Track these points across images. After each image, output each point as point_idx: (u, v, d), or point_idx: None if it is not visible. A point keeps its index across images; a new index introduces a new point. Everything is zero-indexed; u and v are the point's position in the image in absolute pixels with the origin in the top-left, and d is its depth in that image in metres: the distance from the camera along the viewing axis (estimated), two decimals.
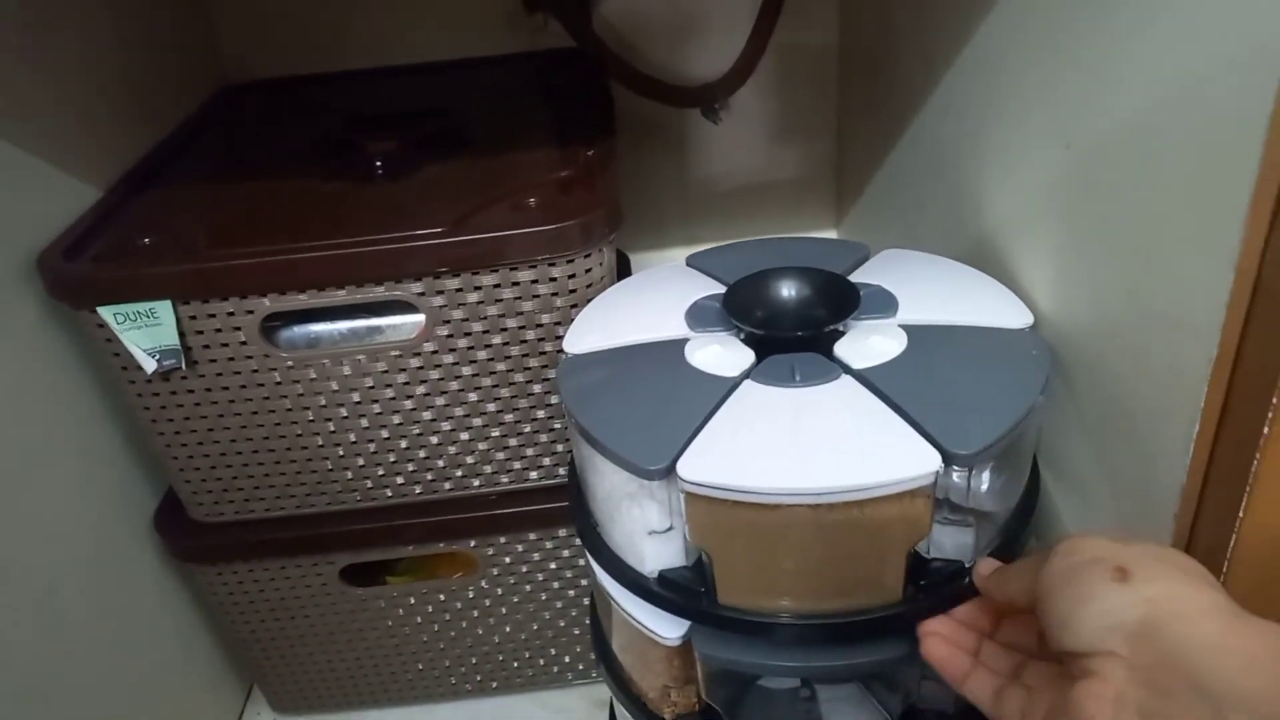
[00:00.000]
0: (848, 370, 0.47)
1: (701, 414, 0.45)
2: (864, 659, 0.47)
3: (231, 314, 0.59)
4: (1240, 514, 0.37)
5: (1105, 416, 0.45)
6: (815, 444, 0.43)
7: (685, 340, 0.51)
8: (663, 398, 0.48)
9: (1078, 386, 0.48)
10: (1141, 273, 0.41)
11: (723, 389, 0.47)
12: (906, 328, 0.49)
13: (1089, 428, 0.47)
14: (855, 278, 0.54)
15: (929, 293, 0.52)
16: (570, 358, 0.53)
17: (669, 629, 0.50)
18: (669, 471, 0.43)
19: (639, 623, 0.52)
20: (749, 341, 0.50)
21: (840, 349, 0.48)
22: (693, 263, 0.60)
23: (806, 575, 0.45)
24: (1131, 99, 0.40)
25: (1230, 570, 0.39)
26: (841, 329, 0.50)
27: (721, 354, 0.49)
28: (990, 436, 0.41)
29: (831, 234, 1.04)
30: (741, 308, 0.51)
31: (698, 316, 0.53)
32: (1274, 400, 0.35)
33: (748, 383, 0.47)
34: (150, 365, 0.60)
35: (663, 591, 0.49)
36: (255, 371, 0.61)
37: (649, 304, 0.56)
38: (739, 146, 0.99)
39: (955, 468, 0.42)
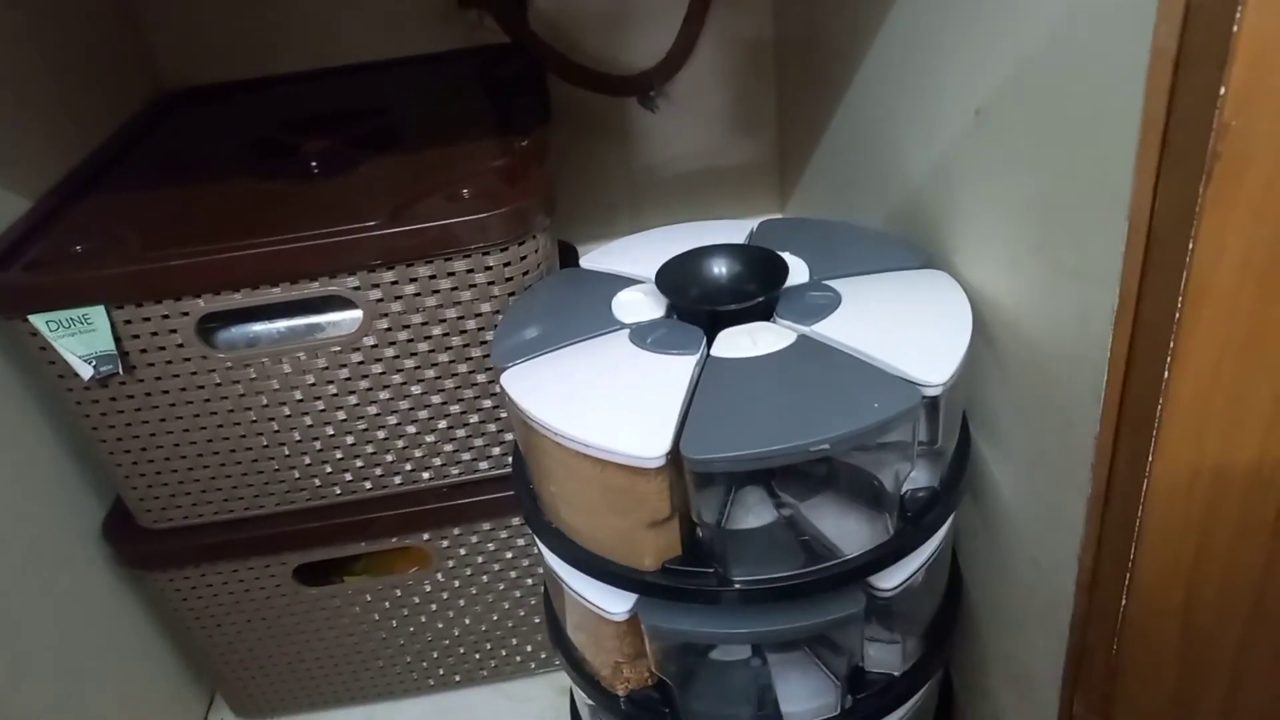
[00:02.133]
0: (704, 353, 0.48)
1: (562, 342, 0.52)
2: (804, 622, 0.48)
3: (167, 316, 0.59)
4: (1150, 458, 0.39)
5: (1023, 372, 0.47)
6: (593, 395, 0.47)
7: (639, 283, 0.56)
8: (561, 323, 0.53)
9: (999, 343, 0.49)
10: (1047, 228, 0.42)
11: (598, 329, 0.52)
12: (807, 337, 0.49)
13: (1010, 384, 0.48)
14: (841, 283, 0.52)
15: (879, 316, 0.49)
16: (568, 269, 0.61)
17: (615, 604, 0.51)
18: (498, 373, 0.51)
19: (586, 600, 0.52)
20: (684, 310, 0.52)
21: (723, 333, 0.49)
22: (765, 223, 0.62)
23: (572, 508, 0.51)
24: (1028, 61, 0.41)
25: (1144, 517, 0.40)
26: (765, 313, 0.51)
27: (637, 302, 0.54)
28: (720, 458, 0.43)
29: (778, 216, 1.05)
30: (673, 272, 0.52)
31: None
32: (1171, 345, 0.36)
33: (620, 333, 0.51)
34: (87, 372, 0.59)
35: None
36: (194, 374, 0.61)
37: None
38: (683, 135, 0.99)
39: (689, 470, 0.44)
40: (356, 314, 0.60)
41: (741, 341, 0.49)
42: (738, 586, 0.47)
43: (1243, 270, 0.33)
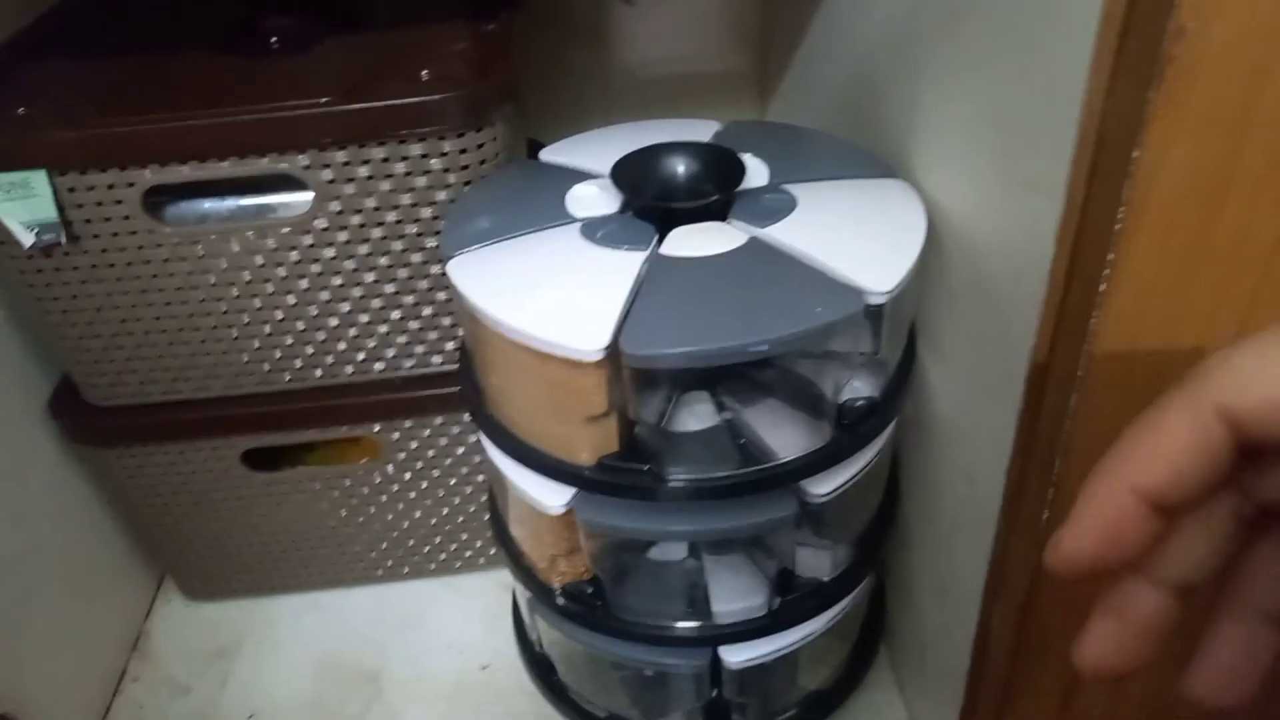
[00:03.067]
0: (653, 250, 0.48)
1: (512, 233, 0.51)
2: (734, 523, 0.49)
3: (112, 186, 0.57)
4: (1080, 373, 0.38)
5: (968, 284, 0.46)
6: (537, 286, 0.47)
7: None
8: (512, 214, 0.53)
9: (948, 254, 0.48)
10: (1003, 135, 0.41)
11: (549, 222, 0.51)
12: (758, 239, 0.48)
13: (955, 296, 0.48)
14: (800, 188, 0.51)
15: (833, 222, 0.49)
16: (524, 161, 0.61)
17: (553, 498, 0.51)
18: (445, 260, 0.51)
19: (525, 493, 0.53)
20: (638, 206, 0.51)
21: (674, 232, 0.49)
22: (732, 125, 0.63)
23: (514, 401, 0.51)
24: None
25: (1070, 432, 0.40)
26: (720, 213, 0.50)
27: (591, 197, 0.53)
28: (657, 354, 0.43)
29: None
30: (629, 168, 0.51)
31: None
32: (1110, 257, 0.35)
33: (571, 227, 0.51)
34: (28, 240, 0.58)
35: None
36: (141, 248, 0.60)
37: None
38: (662, 36, 0.96)
39: (627, 366, 0.44)
40: (308, 196, 0.59)
41: (692, 241, 0.48)
42: (671, 484, 0.47)
43: (1186, 183, 0.33)
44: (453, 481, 0.75)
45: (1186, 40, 0.30)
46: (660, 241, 0.48)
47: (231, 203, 0.60)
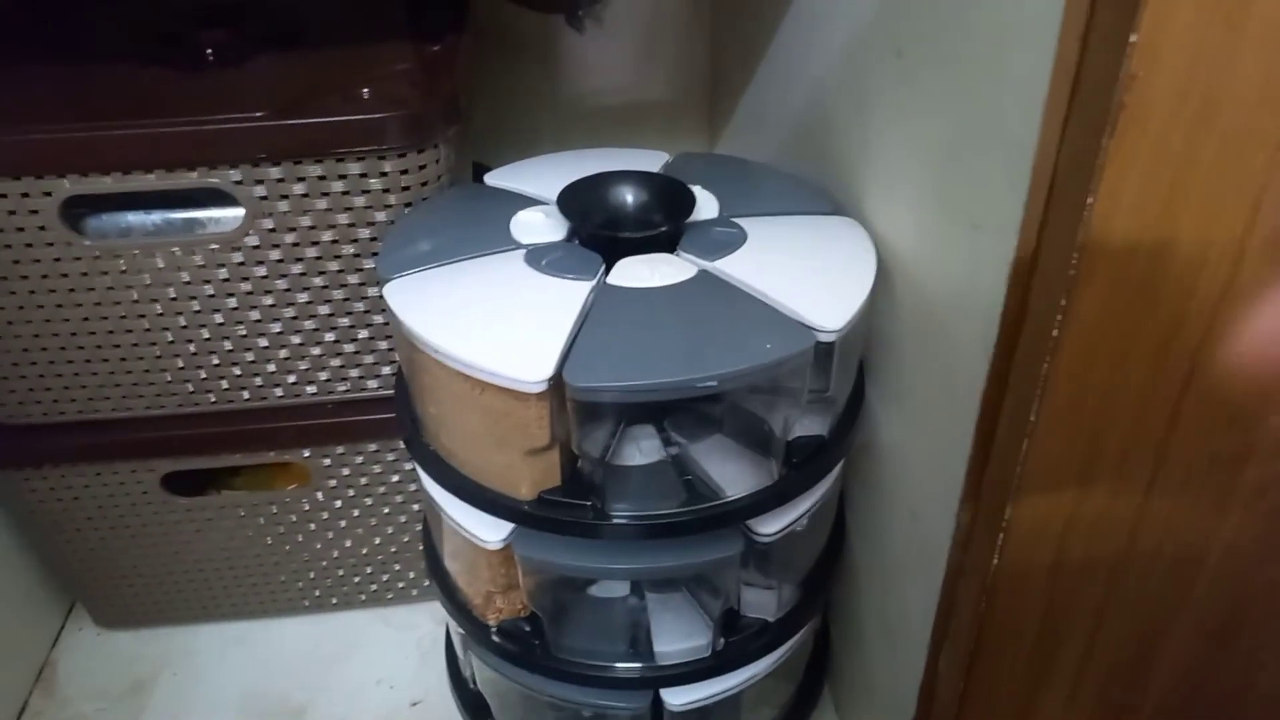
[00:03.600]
0: (600, 280, 0.46)
1: (454, 257, 0.49)
2: (677, 561, 0.47)
3: (26, 195, 0.54)
4: (1032, 418, 0.38)
5: (917, 322, 0.46)
6: (479, 314, 0.45)
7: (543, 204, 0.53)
8: (454, 238, 0.51)
9: (898, 293, 0.48)
10: (950, 174, 0.41)
11: (492, 247, 0.49)
12: (707, 272, 0.47)
13: (904, 335, 0.48)
14: (750, 221, 0.50)
15: (784, 257, 0.48)
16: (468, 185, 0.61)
17: (490, 532, 0.50)
18: (383, 283, 0.49)
19: (461, 527, 0.51)
20: (585, 235, 0.49)
21: (622, 262, 0.47)
22: (681, 156, 0.62)
23: (452, 432, 0.49)
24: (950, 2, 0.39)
25: (1021, 476, 0.39)
26: (669, 244, 0.49)
27: (537, 223, 0.51)
28: (603, 387, 0.42)
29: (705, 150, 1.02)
30: (576, 195, 0.50)
31: None
32: (1063, 303, 0.35)
33: (515, 254, 0.49)
34: None
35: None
36: (57, 260, 0.56)
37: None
38: (613, 63, 0.96)
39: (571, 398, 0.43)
40: (239, 211, 0.56)
41: (640, 271, 0.47)
42: (614, 521, 0.46)
43: (1136, 230, 0.33)
44: (386, 510, 0.72)
45: (1137, 88, 0.30)
46: (607, 271, 0.47)
47: (157, 216, 0.58)
